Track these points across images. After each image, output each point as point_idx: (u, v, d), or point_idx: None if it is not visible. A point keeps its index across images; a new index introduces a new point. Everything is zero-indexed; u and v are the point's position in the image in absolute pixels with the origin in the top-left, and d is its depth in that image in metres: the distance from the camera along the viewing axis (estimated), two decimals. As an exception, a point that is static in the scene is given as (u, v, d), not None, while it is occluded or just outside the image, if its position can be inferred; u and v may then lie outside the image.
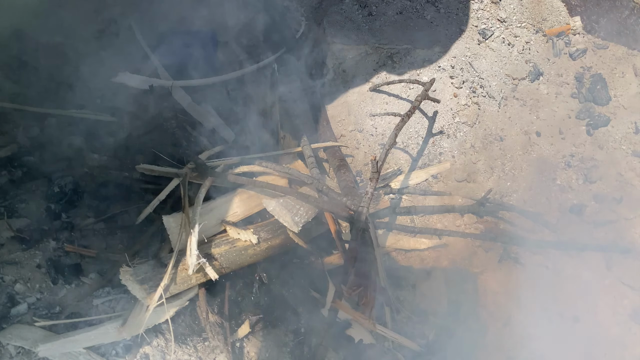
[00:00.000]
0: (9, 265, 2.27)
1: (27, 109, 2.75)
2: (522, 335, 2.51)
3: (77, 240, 2.39)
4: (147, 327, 2.10)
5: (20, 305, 2.21)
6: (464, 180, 2.88)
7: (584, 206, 2.80)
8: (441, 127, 2.93)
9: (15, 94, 2.80)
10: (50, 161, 2.62)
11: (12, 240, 2.32)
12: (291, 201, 2.31)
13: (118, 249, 2.47)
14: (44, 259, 2.32)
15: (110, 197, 2.56)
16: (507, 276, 2.66)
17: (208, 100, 3.06)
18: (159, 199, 2.43)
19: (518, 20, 3.12)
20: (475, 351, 2.47)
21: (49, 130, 2.73)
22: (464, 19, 3.09)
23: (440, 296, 2.55)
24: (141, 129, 2.84)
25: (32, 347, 2.07)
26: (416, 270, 2.65)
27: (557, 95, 3.05)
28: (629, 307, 2.59)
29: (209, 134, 2.85)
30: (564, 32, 3.13)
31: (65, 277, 2.30)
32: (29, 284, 2.25)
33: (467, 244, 2.73)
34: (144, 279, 2.04)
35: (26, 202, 2.46)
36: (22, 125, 2.72)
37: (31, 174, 2.55)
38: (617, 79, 3.01)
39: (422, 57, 2.97)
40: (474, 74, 3.00)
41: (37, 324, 2.13)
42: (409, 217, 2.81)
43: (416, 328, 2.50)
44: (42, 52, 2.92)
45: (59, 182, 2.51)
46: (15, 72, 2.87)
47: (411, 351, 2.43)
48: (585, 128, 2.98)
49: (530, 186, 2.90)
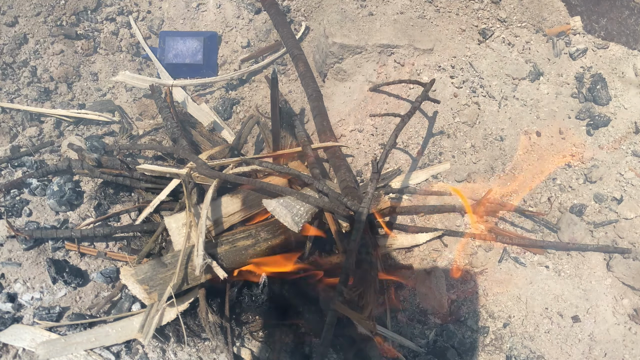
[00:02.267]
0: (9, 265, 2.27)
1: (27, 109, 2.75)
2: (523, 335, 2.51)
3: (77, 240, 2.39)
4: (156, 327, 2.10)
5: (20, 305, 2.21)
6: (464, 180, 2.89)
7: (584, 206, 2.80)
8: (441, 127, 2.93)
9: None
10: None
11: (12, 240, 2.32)
12: (291, 201, 2.31)
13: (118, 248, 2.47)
14: (44, 259, 2.32)
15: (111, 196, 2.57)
16: (507, 276, 2.67)
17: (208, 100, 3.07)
18: (160, 199, 2.43)
19: (518, 20, 3.12)
20: (475, 351, 2.47)
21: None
22: (464, 19, 3.09)
23: (440, 296, 2.55)
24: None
25: (32, 348, 2.07)
26: (416, 270, 2.65)
27: (557, 95, 3.05)
28: (629, 307, 2.59)
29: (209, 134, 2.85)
30: (564, 32, 3.13)
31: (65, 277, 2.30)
32: (29, 283, 2.25)
33: (467, 244, 2.73)
34: (144, 279, 2.04)
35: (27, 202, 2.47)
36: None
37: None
38: (617, 79, 3.01)
39: (422, 57, 2.96)
40: (474, 73, 3.00)
41: (37, 324, 2.14)
42: (409, 217, 2.81)
43: (416, 328, 2.50)
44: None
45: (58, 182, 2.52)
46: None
47: (411, 351, 2.44)
48: (585, 128, 2.98)
49: (530, 186, 2.90)
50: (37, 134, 2.72)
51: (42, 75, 2.89)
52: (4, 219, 2.32)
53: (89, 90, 2.95)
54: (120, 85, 3.00)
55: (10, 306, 2.18)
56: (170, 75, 3.06)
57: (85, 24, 3.02)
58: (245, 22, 3.18)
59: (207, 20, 3.16)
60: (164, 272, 2.07)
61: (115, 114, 2.87)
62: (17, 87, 2.84)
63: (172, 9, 3.15)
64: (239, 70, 3.09)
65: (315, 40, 3.18)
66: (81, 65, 2.99)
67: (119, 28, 3.06)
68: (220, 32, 3.16)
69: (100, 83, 2.98)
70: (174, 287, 2.05)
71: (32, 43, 2.93)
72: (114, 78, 2.96)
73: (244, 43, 3.15)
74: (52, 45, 2.95)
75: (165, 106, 2.73)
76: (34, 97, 2.82)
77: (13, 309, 2.18)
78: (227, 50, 3.15)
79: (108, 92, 2.98)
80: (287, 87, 3.14)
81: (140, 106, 2.97)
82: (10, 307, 2.18)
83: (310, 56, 3.15)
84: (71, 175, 2.58)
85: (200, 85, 3.06)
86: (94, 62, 3.02)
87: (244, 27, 3.18)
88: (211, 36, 3.11)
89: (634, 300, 2.61)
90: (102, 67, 3.01)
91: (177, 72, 3.08)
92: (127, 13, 3.09)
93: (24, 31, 2.92)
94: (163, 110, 2.70)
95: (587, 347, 2.50)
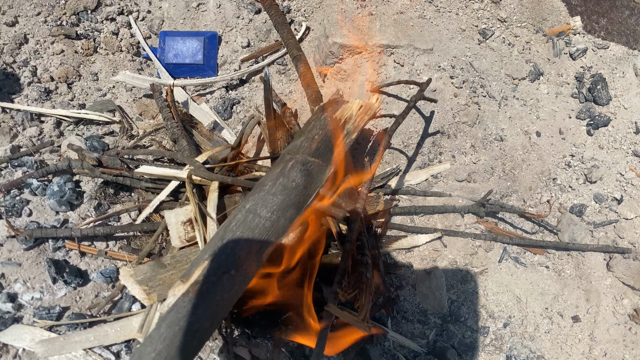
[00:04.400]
0: (9, 265, 2.27)
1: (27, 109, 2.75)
2: (523, 335, 2.51)
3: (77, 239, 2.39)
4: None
5: (20, 305, 2.21)
6: (464, 180, 2.88)
7: (584, 206, 2.80)
8: (441, 127, 2.93)
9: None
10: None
11: (12, 240, 2.33)
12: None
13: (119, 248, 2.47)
14: (44, 259, 2.32)
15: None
16: (507, 276, 2.67)
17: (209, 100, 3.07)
18: (160, 199, 2.43)
19: (518, 20, 3.12)
20: (475, 351, 2.47)
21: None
22: (464, 19, 3.09)
23: (440, 296, 2.55)
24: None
25: (32, 348, 2.07)
26: (416, 270, 2.65)
27: (557, 95, 3.05)
28: (629, 307, 2.59)
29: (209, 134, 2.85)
30: (565, 32, 3.12)
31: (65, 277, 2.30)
32: (29, 284, 2.26)
33: (467, 244, 2.73)
34: (144, 280, 2.04)
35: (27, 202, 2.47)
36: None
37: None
38: (618, 79, 3.01)
39: (422, 57, 2.96)
40: (474, 73, 2.99)
41: (37, 324, 2.14)
42: (409, 217, 2.81)
43: (416, 328, 2.50)
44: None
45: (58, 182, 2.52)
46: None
47: (411, 351, 2.44)
48: (586, 128, 2.98)
49: (530, 186, 2.90)
50: (37, 134, 2.72)
51: (42, 75, 2.89)
52: (4, 219, 2.32)
53: (89, 90, 2.95)
54: (121, 85, 3.00)
55: (10, 306, 2.18)
56: (171, 75, 3.07)
57: (86, 23, 3.02)
58: (245, 22, 3.18)
59: (207, 20, 3.16)
60: (164, 273, 2.07)
61: (115, 114, 2.87)
62: (17, 87, 2.84)
63: (172, 9, 3.15)
64: (239, 70, 3.09)
65: (315, 40, 3.18)
66: (81, 65, 2.99)
67: (119, 28, 3.06)
68: (220, 32, 3.16)
69: (100, 83, 2.98)
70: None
71: (32, 43, 2.93)
72: (114, 78, 2.96)
73: (244, 43, 3.15)
74: (52, 45, 2.95)
75: (165, 106, 2.73)
76: (34, 97, 2.83)
77: (13, 309, 2.18)
78: (227, 50, 3.15)
79: (108, 92, 2.98)
80: (287, 87, 3.14)
81: (141, 106, 2.97)
82: (10, 307, 2.18)
83: (311, 56, 3.15)
84: (71, 175, 2.58)
85: (200, 85, 3.07)
86: (94, 62, 3.02)
87: (244, 27, 3.18)
88: (211, 36, 3.11)
89: (634, 300, 2.60)
90: (102, 67, 3.01)
91: (177, 72, 3.08)
92: (127, 13, 3.10)
93: (24, 31, 2.92)
94: (163, 110, 2.71)
95: (587, 347, 2.49)
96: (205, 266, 1.62)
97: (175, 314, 1.51)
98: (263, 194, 1.81)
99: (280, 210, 1.79)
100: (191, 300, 1.54)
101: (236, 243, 1.68)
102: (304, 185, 1.88)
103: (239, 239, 1.70)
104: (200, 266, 1.62)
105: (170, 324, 1.48)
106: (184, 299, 1.55)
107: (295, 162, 1.91)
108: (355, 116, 2.17)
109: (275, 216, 1.77)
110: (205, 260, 1.64)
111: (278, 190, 1.82)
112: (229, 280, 1.61)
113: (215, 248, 1.68)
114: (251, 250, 1.69)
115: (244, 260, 1.67)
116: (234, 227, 1.72)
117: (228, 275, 1.62)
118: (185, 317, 1.50)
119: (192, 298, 1.55)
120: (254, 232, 1.71)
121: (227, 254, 1.66)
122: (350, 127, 2.15)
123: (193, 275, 1.60)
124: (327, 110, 2.16)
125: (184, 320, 1.50)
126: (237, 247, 1.67)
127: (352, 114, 2.18)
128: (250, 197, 1.82)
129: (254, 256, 1.71)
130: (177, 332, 1.48)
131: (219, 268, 1.62)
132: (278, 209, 1.78)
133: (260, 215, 1.75)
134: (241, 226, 1.72)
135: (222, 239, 1.70)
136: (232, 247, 1.67)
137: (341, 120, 2.12)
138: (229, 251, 1.66)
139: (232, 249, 1.66)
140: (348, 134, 2.13)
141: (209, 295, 1.57)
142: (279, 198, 1.80)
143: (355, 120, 2.17)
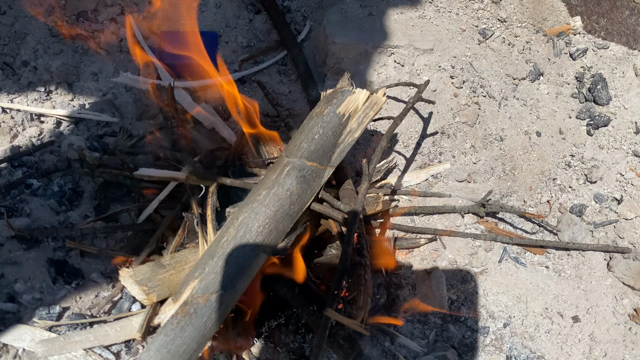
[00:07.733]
0: (9, 265, 2.27)
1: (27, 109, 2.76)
2: (523, 335, 2.51)
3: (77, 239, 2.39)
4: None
5: (20, 305, 2.21)
6: (464, 180, 2.88)
7: (584, 206, 2.80)
8: (441, 127, 2.93)
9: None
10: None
11: (12, 240, 2.33)
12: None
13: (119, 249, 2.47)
14: (44, 259, 2.32)
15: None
16: (507, 276, 2.66)
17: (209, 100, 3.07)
18: (159, 199, 2.43)
19: (518, 20, 3.12)
20: (475, 351, 2.47)
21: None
22: (464, 19, 3.09)
23: (440, 296, 2.55)
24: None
25: (32, 348, 2.07)
26: (416, 270, 2.65)
27: (557, 95, 3.05)
28: (629, 307, 2.59)
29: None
30: (565, 32, 3.12)
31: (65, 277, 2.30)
32: (29, 283, 2.26)
33: (467, 244, 2.73)
34: (143, 280, 2.04)
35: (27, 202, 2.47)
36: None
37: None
38: (618, 79, 3.00)
39: (422, 57, 2.96)
40: (474, 73, 2.99)
41: (37, 324, 2.14)
42: (409, 217, 2.81)
43: (416, 328, 2.50)
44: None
45: (58, 182, 2.52)
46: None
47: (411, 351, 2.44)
48: (586, 128, 2.98)
49: (530, 186, 2.90)
50: (37, 134, 2.72)
51: (42, 75, 2.89)
52: (4, 219, 2.32)
53: (89, 90, 2.95)
54: (121, 86, 3.00)
55: (10, 306, 2.18)
56: (171, 75, 3.06)
57: (86, 24, 3.02)
58: (245, 22, 3.18)
59: (207, 20, 3.16)
60: (163, 273, 2.07)
61: (115, 114, 2.87)
62: (18, 87, 2.84)
63: (172, 9, 3.15)
64: (238, 72, 3.10)
65: (315, 40, 3.18)
66: (81, 65, 2.99)
67: (119, 28, 3.07)
68: (220, 32, 3.16)
69: (100, 83, 2.98)
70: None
71: (33, 43, 2.93)
72: (114, 79, 2.96)
73: (244, 43, 3.15)
74: (52, 45, 2.95)
75: (165, 106, 2.73)
76: (34, 97, 2.83)
77: (13, 309, 2.18)
78: (227, 50, 3.15)
79: (108, 92, 2.98)
80: (287, 87, 3.14)
81: (140, 106, 2.97)
82: (11, 307, 2.18)
83: (311, 56, 3.15)
84: (71, 175, 2.58)
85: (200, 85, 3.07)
86: (94, 62, 3.02)
87: (244, 27, 3.18)
88: (211, 36, 3.11)
89: (634, 300, 2.60)
90: (102, 67, 3.01)
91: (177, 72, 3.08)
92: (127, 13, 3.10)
93: (24, 31, 2.92)
94: (163, 111, 2.71)
95: (587, 347, 2.49)
96: (194, 286, 1.65)
97: (164, 337, 1.57)
98: (256, 205, 1.79)
99: (273, 222, 1.79)
100: (179, 322, 1.59)
101: (226, 262, 1.69)
102: (299, 194, 1.87)
103: (229, 256, 1.70)
104: (190, 286, 1.65)
105: (159, 347, 1.55)
106: (173, 321, 1.60)
107: (292, 168, 1.89)
108: (360, 111, 2.10)
109: (268, 229, 1.77)
110: (194, 280, 1.66)
111: (271, 201, 1.80)
112: (217, 300, 1.64)
113: (205, 266, 1.69)
114: (241, 268, 1.70)
115: (233, 278, 1.69)
116: (224, 243, 1.72)
117: (217, 295, 1.64)
118: (173, 340, 1.56)
119: (180, 320, 1.59)
120: (245, 249, 1.71)
121: (216, 273, 1.67)
122: (355, 124, 2.08)
123: (182, 296, 1.64)
124: (331, 103, 2.08)
125: (171, 343, 1.56)
126: (227, 265, 1.68)
127: (358, 107, 2.10)
128: (243, 209, 1.81)
129: (244, 273, 1.72)
130: (165, 355, 1.55)
131: (207, 288, 1.65)
132: (271, 222, 1.78)
133: (251, 230, 1.74)
134: (232, 242, 1.72)
135: (212, 256, 1.70)
136: (222, 265, 1.68)
137: (345, 116, 2.06)
138: (219, 269, 1.68)
139: (222, 267, 1.68)
140: (351, 132, 2.08)
141: (197, 317, 1.61)
142: (272, 210, 1.79)
143: (360, 117, 2.10)
